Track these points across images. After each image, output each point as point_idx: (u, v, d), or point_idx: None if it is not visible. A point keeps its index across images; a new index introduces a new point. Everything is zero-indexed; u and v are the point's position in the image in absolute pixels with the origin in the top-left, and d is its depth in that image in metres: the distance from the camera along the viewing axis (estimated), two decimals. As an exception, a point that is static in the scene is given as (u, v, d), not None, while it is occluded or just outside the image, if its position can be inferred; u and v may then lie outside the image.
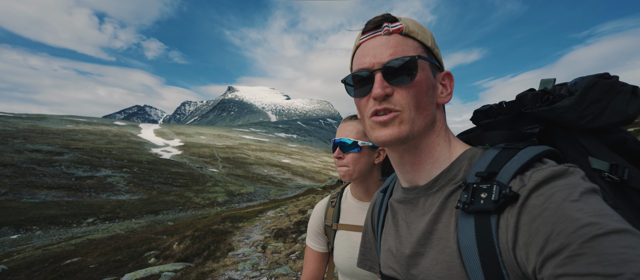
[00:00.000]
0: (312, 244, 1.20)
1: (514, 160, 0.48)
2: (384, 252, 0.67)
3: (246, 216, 13.02)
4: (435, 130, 0.58)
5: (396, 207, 0.66)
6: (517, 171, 0.46)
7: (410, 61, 0.53)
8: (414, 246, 0.57)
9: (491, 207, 0.45)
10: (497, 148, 0.54)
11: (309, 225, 1.23)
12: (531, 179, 0.44)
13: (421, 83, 0.54)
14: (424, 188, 0.58)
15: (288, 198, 22.78)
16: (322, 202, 1.25)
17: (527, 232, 0.41)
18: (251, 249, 7.28)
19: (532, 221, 0.40)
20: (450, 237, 0.51)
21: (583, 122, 0.54)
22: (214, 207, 27.60)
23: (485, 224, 0.46)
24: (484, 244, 0.46)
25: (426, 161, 0.58)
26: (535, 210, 0.41)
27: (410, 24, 0.56)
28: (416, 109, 0.54)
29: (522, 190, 0.44)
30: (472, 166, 0.53)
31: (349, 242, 1.10)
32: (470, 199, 0.47)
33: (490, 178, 0.48)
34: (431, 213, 0.55)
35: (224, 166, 53.93)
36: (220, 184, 36.93)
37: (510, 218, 0.44)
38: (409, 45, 0.55)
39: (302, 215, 11.15)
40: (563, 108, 0.54)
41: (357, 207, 1.14)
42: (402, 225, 0.62)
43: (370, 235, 0.80)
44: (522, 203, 0.43)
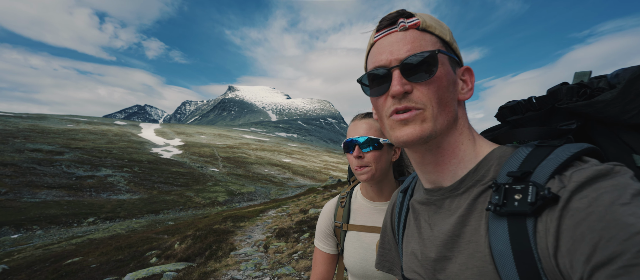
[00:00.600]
0: (321, 245, 1.17)
1: (550, 159, 0.45)
2: (407, 255, 0.64)
3: (247, 216, 12.99)
4: (457, 128, 0.55)
5: (418, 208, 0.63)
6: (554, 171, 0.43)
7: (429, 56, 0.51)
8: (440, 250, 0.54)
9: (527, 210, 0.42)
10: (529, 146, 0.50)
11: (318, 227, 1.19)
12: (572, 180, 0.41)
13: (442, 79, 0.52)
14: (449, 189, 0.56)
15: (289, 197, 22.74)
16: (330, 202, 1.21)
17: (570, 238, 0.38)
18: (253, 249, 7.23)
19: (576, 226, 0.38)
20: (480, 240, 0.48)
21: (627, 116, 0.49)
22: (214, 207, 27.58)
23: (520, 227, 0.43)
24: (521, 249, 0.42)
25: (450, 161, 0.55)
26: (579, 214, 0.38)
27: (427, 18, 0.55)
28: (439, 106, 0.51)
29: (562, 192, 0.41)
30: (503, 165, 0.50)
31: (360, 243, 1.07)
32: (503, 201, 0.45)
33: (525, 178, 0.45)
34: (457, 215, 0.52)
35: (225, 166, 53.95)
36: (220, 183, 36.93)
37: (549, 222, 0.41)
38: (427, 41, 0.53)
39: (303, 214, 11.11)
40: (604, 102, 0.50)
41: (368, 207, 1.11)
42: (426, 228, 0.60)
43: (390, 237, 0.77)
44: (563, 206, 0.40)
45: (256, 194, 33.73)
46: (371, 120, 1.05)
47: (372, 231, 1.08)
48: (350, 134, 1.04)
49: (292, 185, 42.68)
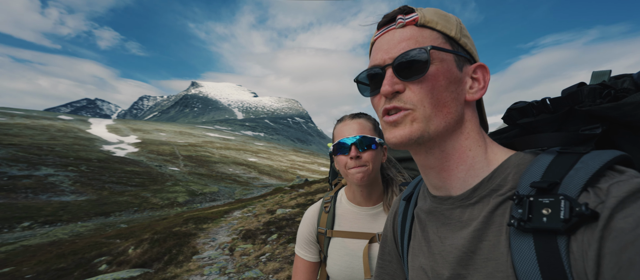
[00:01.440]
0: (302, 253, 1.11)
1: (578, 169, 0.41)
2: (414, 270, 0.59)
3: (211, 217, 12.38)
4: (463, 132, 0.51)
5: (424, 218, 0.59)
6: (587, 182, 0.39)
7: (420, 53, 0.48)
8: (453, 266, 0.50)
9: (560, 227, 0.37)
10: (551, 153, 0.46)
11: (299, 233, 1.14)
12: (610, 194, 0.36)
13: (437, 77, 0.49)
14: (459, 198, 0.52)
15: (255, 197, 22.15)
16: (313, 207, 1.16)
17: (616, 264, 0.33)
18: (218, 252, 6.87)
19: (622, 250, 0.33)
20: (501, 259, 0.44)
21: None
22: (173, 208, 26.02)
23: (550, 246, 0.39)
24: (552, 270, 0.38)
25: (457, 167, 0.52)
26: (625, 236, 0.33)
27: (428, 13, 0.51)
28: (433, 106, 0.48)
29: (601, 208, 0.36)
30: (523, 174, 0.46)
31: (346, 250, 1.03)
32: (528, 215, 0.40)
33: (551, 190, 0.41)
34: (472, 229, 0.48)
35: (186, 165, 51.29)
36: (181, 183, 35.00)
37: (588, 243, 0.36)
38: (425, 37, 0.50)
39: (270, 215, 10.85)
40: (634, 104, 0.45)
41: (354, 212, 1.07)
42: (435, 240, 0.55)
43: (392, 247, 0.73)
44: (604, 225, 0.35)
45: (220, 194, 32.47)
46: (363, 120, 1.03)
47: (359, 237, 1.04)
48: (341, 135, 1.00)
49: (257, 185, 41.78)
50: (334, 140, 1.06)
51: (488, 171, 0.50)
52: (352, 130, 1.00)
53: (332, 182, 1.39)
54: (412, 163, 1.30)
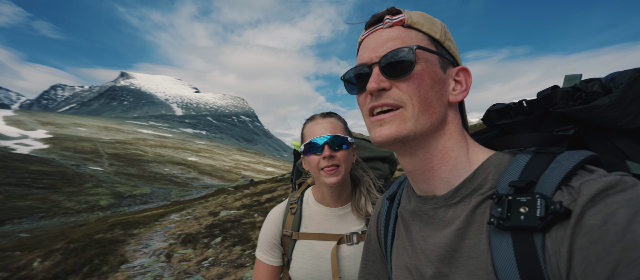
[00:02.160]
0: (264, 257, 1.06)
1: (553, 168, 0.43)
2: (398, 269, 0.60)
3: (143, 221, 11.10)
4: (446, 132, 0.53)
5: (408, 217, 0.60)
6: (561, 181, 0.41)
7: (407, 52, 0.49)
8: (436, 265, 0.51)
9: (536, 225, 0.39)
10: (528, 153, 0.48)
11: (262, 236, 1.08)
12: (581, 192, 0.38)
13: (423, 76, 0.50)
14: (443, 198, 0.53)
15: (195, 199, 20.62)
16: (277, 209, 1.11)
17: (585, 259, 0.35)
18: (152, 259, 6.16)
19: (591, 245, 0.35)
20: (482, 257, 0.45)
21: (623, 122, 0.48)
22: (94, 213, 22.71)
23: (527, 243, 0.40)
24: (528, 267, 0.40)
25: (440, 168, 0.53)
26: (594, 232, 0.35)
27: (415, 15, 0.53)
28: (420, 105, 0.49)
29: (573, 206, 0.38)
30: (502, 174, 0.47)
31: (312, 252, 1.01)
32: (507, 214, 0.42)
33: (529, 189, 0.42)
34: (454, 228, 0.50)
35: (112, 164, 45.40)
36: (104, 184, 30.83)
37: (561, 239, 0.38)
38: (412, 37, 0.52)
39: (213, 217, 10.21)
40: (602, 107, 0.48)
41: (322, 213, 1.05)
42: (418, 240, 0.56)
43: (376, 247, 0.73)
44: (576, 222, 0.37)
45: (153, 196, 29.46)
46: (334, 120, 1.01)
47: (327, 239, 1.02)
48: (313, 134, 0.98)
49: (197, 186, 39.06)
50: (303, 140, 1.02)
51: (470, 171, 0.52)
52: (324, 129, 0.98)
53: (296, 182, 1.34)
54: (377, 163, 1.29)
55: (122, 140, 76.69)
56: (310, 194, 1.11)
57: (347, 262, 1.01)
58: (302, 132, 1.05)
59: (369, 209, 1.04)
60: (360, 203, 1.05)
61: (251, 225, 8.67)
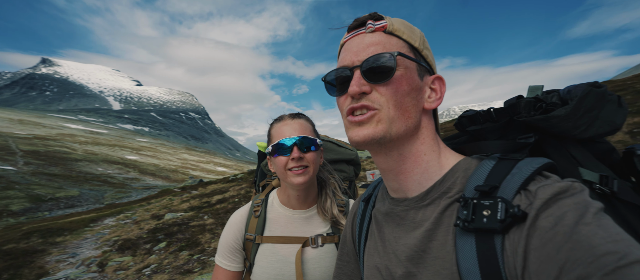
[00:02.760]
0: (224, 262, 1.03)
1: (514, 174, 0.46)
2: (369, 269, 0.62)
3: (69, 227, 9.70)
4: (419, 137, 0.55)
5: (381, 219, 0.62)
6: (520, 186, 0.44)
7: (388, 58, 0.51)
8: (405, 265, 0.53)
9: (497, 227, 0.42)
10: (493, 159, 0.51)
11: (223, 241, 1.04)
12: (537, 196, 0.41)
13: (402, 82, 0.52)
14: (414, 200, 0.55)
15: (134, 201, 18.71)
16: (240, 212, 1.07)
17: (538, 259, 0.38)
18: (80, 270, 5.39)
19: (543, 246, 0.38)
20: (448, 257, 0.48)
21: (577, 132, 0.52)
22: (2, 219, 19.26)
23: (488, 245, 0.43)
24: (488, 267, 0.42)
25: (413, 170, 0.55)
26: (546, 233, 0.38)
27: (396, 22, 0.55)
28: (396, 109, 0.52)
29: (530, 209, 0.41)
30: (469, 178, 0.50)
31: (276, 256, 0.99)
32: (471, 217, 0.44)
33: (492, 193, 0.45)
34: (424, 229, 0.52)
35: (28, 162, 39.11)
36: (18, 186, 26.41)
37: (517, 240, 0.41)
38: (392, 44, 0.54)
39: (157, 221, 9.36)
40: (559, 117, 0.52)
41: (287, 216, 1.04)
42: (390, 240, 0.58)
43: (350, 248, 0.75)
44: (531, 224, 0.40)
45: (82, 198, 26.02)
46: (303, 121, 1.01)
47: (292, 242, 1.01)
48: (281, 135, 0.97)
49: (137, 187, 35.56)
50: (271, 140, 1.00)
51: (440, 174, 0.54)
52: (293, 130, 0.97)
53: (260, 184, 1.30)
54: (342, 165, 1.31)
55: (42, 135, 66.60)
56: (275, 196, 1.09)
57: (312, 265, 0.99)
58: (270, 132, 1.03)
59: (335, 211, 1.04)
60: (326, 205, 1.05)
61: (200, 228, 8.14)
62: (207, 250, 6.28)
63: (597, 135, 0.53)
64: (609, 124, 0.53)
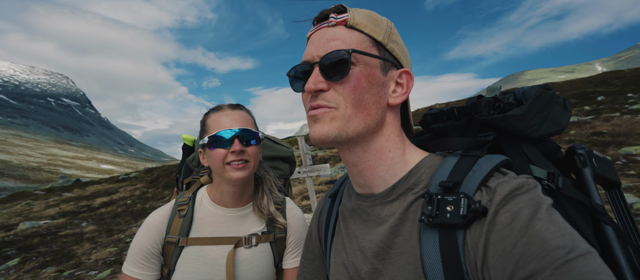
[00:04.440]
0: (136, 271, 0.90)
1: (475, 170, 0.48)
2: (335, 266, 0.61)
3: None
4: (384, 134, 0.55)
5: (348, 215, 0.62)
6: (481, 182, 0.46)
7: (342, 56, 0.50)
8: (371, 261, 0.53)
9: (459, 222, 0.43)
10: (456, 155, 0.53)
11: (136, 246, 0.92)
12: (496, 193, 0.43)
13: (359, 79, 0.51)
14: (379, 196, 0.55)
15: (-33, 210, 13.77)
16: (160, 212, 0.97)
17: (495, 253, 0.39)
18: None
19: (500, 240, 0.39)
20: (412, 252, 0.49)
21: (530, 131, 0.55)
22: None
23: (451, 239, 0.44)
24: (450, 261, 0.43)
25: (378, 167, 0.55)
26: (504, 229, 0.40)
27: (359, 15, 0.54)
28: (354, 107, 0.51)
29: (489, 205, 0.43)
30: (433, 175, 0.52)
31: (204, 259, 0.92)
32: (436, 212, 0.45)
33: (455, 189, 0.47)
34: (389, 225, 0.52)
35: None
36: None
37: (478, 235, 0.42)
38: (353, 39, 0.52)
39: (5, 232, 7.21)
40: (515, 116, 0.54)
41: (218, 215, 0.97)
42: (356, 237, 0.58)
43: (315, 245, 0.74)
44: (491, 220, 0.41)
45: None
46: (244, 113, 0.97)
47: (222, 243, 0.94)
48: (220, 126, 0.91)
49: (-26, 191, 26.68)
50: (207, 131, 0.93)
51: (405, 171, 0.55)
52: (233, 122, 0.91)
53: (183, 181, 1.22)
54: (278, 162, 1.29)
55: None
56: (204, 193, 1.01)
57: (244, 266, 0.95)
58: (205, 122, 0.96)
59: (272, 209, 1.01)
60: (262, 202, 1.01)
61: (76, 237, 6.57)
62: (86, 263, 5.09)
63: (546, 135, 0.56)
64: (556, 124, 0.56)
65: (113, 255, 5.34)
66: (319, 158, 12.59)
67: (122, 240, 6.17)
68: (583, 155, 0.56)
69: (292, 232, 1.04)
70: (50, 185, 19.52)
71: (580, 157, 0.56)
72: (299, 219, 1.08)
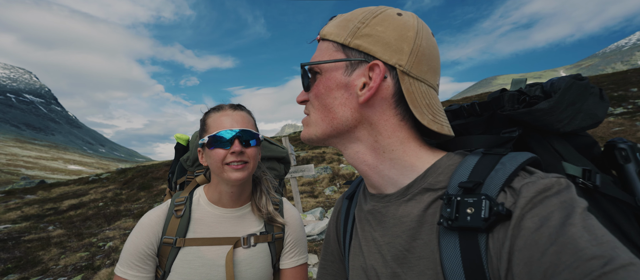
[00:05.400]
0: (130, 273, 0.88)
1: (498, 170, 0.44)
2: (354, 270, 0.60)
3: None
4: (371, 133, 0.53)
5: (363, 217, 0.61)
6: (504, 183, 0.42)
7: (302, 71, 0.56)
8: (390, 265, 0.52)
9: (481, 225, 0.40)
10: (477, 154, 0.49)
11: (131, 247, 0.90)
12: (522, 195, 0.40)
13: (318, 86, 0.54)
14: (394, 196, 0.54)
15: None
16: (156, 211, 0.96)
17: (522, 260, 0.36)
18: None
19: (527, 247, 0.36)
20: (431, 257, 0.46)
21: (560, 125, 0.52)
22: None
23: (472, 244, 0.41)
24: (472, 267, 0.41)
25: (378, 166, 0.54)
26: (531, 235, 0.36)
27: (329, 25, 0.55)
28: (319, 112, 0.55)
29: (514, 208, 0.39)
30: (453, 175, 0.48)
31: (202, 260, 0.91)
32: (455, 215, 0.43)
33: (476, 190, 0.44)
34: (407, 227, 0.50)
35: None
36: None
37: (502, 240, 0.39)
38: (323, 50, 0.54)
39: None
40: (542, 110, 0.51)
41: (216, 215, 0.97)
42: (375, 239, 0.56)
43: (334, 247, 0.73)
44: (516, 224, 0.38)
45: None
46: (245, 113, 0.97)
47: (220, 243, 0.94)
48: (220, 126, 0.91)
49: None
50: (206, 131, 0.93)
51: (418, 171, 0.52)
52: (234, 122, 0.92)
53: (177, 181, 1.20)
54: (273, 163, 1.28)
55: None
56: (201, 193, 1.00)
57: (243, 267, 0.94)
58: (205, 121, 0.95)
59: (270, 208, 1.01)
60: (261, 202, 1.02)
61: (42, 242, 6.13)
62: (54, 269, 4.77)
63: (580, 129, 0.53)
64: (591, 117, 0.53)
65: (84, 261, 5.03)
66: (302, 158, 12.55)
67: (94, 245, 5.83)
68: (625, 150, 0.51)
69: (290, 232, 1.04)
70: (10, 187, 18.12)
71: (621, 151, 0.51)
72: (297, 219, 1.08)
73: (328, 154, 14.00)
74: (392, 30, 0.50)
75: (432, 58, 0.51)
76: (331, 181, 9.22)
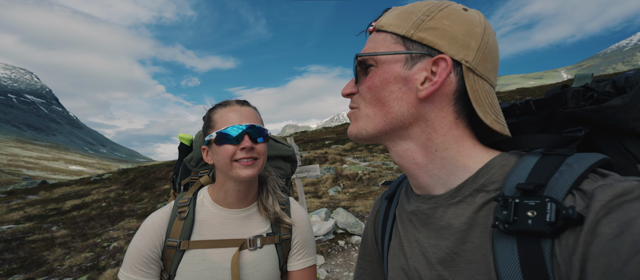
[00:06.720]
0: (134, 277, 0.85)
1: (563, 171, 0.41)
2: (394, 271, 0.59)
3: None
4: (425, 130, 0.51)
5: (406, 217, 0.59)
6: (572, 185, 0.39)
7: (355, 62, 0.54)
8: (435, 268, 0.50)
9: (545, 230, 0.37)
10: (535, 154, 0.46)
11: (134, 251, 0.87)
12: (595, 198, 0.36)
13: (373, 78, 0.52)
14: (442, 197, 0.51)
15: None
16: (159, 214, 0.93)
17: (598, 269, 0.33)
18: None
19: (605, 256, 0.33)
20: (484, 261, 0.43)
21: (637, 124, 0.46)
22: None
23: (534, 249, 0.38)
24: (533, 274, 0.38)
25: (427, 165, 0.52)
26: (610, 242, 0.33)
27: (387, 16, 0.53)
28: (370, 106, 0.52)
29: (586, 212, 0.36)
30: (507, 176, 0.45)
31: (207, 263, 0.88)
32: (513, 217, 0.40)
33: (537, 192, 0.41)
34: (456, 229, 0.48)
35: None
36: None
37: (572, 247, 0.36)
38: (379, 41, 0.52)
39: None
40: (615, 108, 0.46)
41: (221, 216, 0.94)
42: (418, 241, 0.55)
43: (372, 248, 0.72)
44: (589, 229, 0.35)
45: None
46: (252, 109, 0.94)
47: (226, 246, 0.91)
48: (228, 122, 0.88)
49: None
50: (213, 127, 0.90)
51: (470, 171, 0.49)
52: (243, 118, 0.89)
53: (181, 182, 1.17)
54: (279, 161, 1.26)
55: None
56: (205, 194, 0.96)
57: (249, 269, 0.91)
58: (211, 118, 0.92)
59: (277, 208, 0.98)
60: (268, 202, 0.98)
61: (47, 242, 6.13)
62: (58, 270, 4.76)
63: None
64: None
65: (89, 261, 5.02)
66: (304, 159, 12.52)
67: (98, 245, 5.81)
68: None
69: (298, 232, 1.01)
70: (12, 187, 18.13)
71: None
72: (304, 219, 1.04)
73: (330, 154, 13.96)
74: (459, 25, 0.48)
75: (495, 57, 0.50)
76: (334, 182, 9.21)
